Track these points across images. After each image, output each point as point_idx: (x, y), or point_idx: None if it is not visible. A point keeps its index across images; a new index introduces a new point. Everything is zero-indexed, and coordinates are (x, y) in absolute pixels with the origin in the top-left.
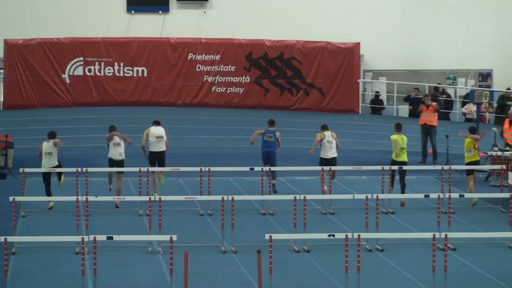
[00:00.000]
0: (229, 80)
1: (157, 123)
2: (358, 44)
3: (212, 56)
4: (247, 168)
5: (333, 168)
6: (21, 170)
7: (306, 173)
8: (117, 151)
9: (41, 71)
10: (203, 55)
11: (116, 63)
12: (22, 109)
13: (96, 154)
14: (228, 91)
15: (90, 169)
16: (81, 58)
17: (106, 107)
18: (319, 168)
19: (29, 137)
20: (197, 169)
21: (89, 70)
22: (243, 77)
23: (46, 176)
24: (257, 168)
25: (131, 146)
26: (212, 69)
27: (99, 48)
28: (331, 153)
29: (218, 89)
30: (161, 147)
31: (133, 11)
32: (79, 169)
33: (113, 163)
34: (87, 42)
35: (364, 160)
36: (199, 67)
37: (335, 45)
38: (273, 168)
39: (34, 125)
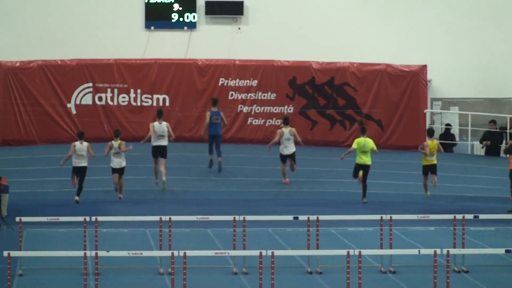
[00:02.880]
0: (268, 111)
1: (160, 115)
2: (424, 66)
3: (248, 81)
4: (290, 217)
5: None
6: (17, 219)
7: (362, 223)
8: (117, 160)
9: (42, 100)
10: (237, 80)
11: (132, 90)
12: (19, 146)
13: (107, 200)
14: (267, 123)
15: (100, 218)
16: (90, 84)
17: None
18: (376, 217)
19: (27, 180)
20: (230, 218)
21: (100, 99)
22: (285, 107)
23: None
24: (302, 217)
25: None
26: (248, 97)
27: (112, 72)
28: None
29: (255, 122)
30: (163, 142)
31: (152, 27)
32: (88, 218)
33: (114, 171)
34: (98, 64)
35: (432, 208)
36: (232, 95)
37: (396, 68)
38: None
39: (33, 164)
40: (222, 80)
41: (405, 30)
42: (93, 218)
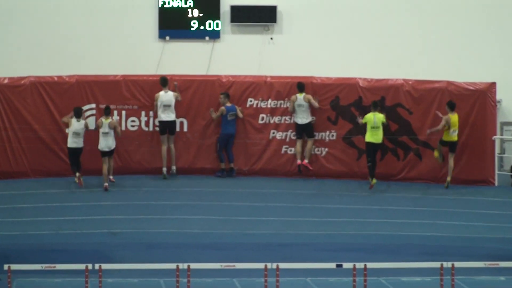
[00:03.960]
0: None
1: (164, 83)
2: (493, 84)
3: (282, 102)
4: (332, 265)
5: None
6: (6, 267)
7: (418, 271)
8: (106, 143)
9: (36, 124)
10: (269, 101)
11: (143, 112)
12: (7, 179)
13: (113, 243)
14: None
15: (105, 266)
16: (93, 105)
17: (128, 175)
18: (435, 264)
19: (17, 220)
20: (261, 265)
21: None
22: (327, 133)
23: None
24: (346, 265)
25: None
26: (282, 121)
27: (119, 91)
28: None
29: (290, 150)
30: (170, 115)
31: (167, 37)
32: (90, 266)
33: (104, 154)
34: (102, 82)
35: (502, 253)
36: (263, 118)
37: (459, 86)
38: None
39: (24, 202)
40: (251, 101)
41: (469, 41)
42: (97, 266)
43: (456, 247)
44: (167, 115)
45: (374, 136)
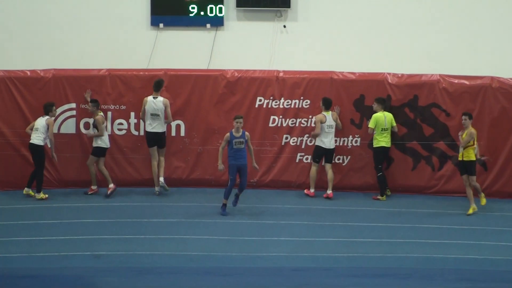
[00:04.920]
0: None
1: (157, 87)
2: None
3: (297, 101)
4: None
5: None
6: None
7: None
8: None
9: (5, 127)
10: (282, 100)
11: (133, 113)
12: None
13: (97, 268)
14: (324, 161)
15: None
16: (73, 105)
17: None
18: None
19: None
20: None
21: (87, 126)
22: (350, 138)
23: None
24: None
25: None
26: (297, 124)
27: (104, 88)
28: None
29: (307, 159)
30: (157, 127)
31: (161, 25)
32: None
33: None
34: (84, 77)
35: None
36: (274, 120)
37: (506, 82)
38: None
39: None
40: (260, 100)
41: None
42: None
43: (501, 271)
44: (154, 127)
45: (385, 139)
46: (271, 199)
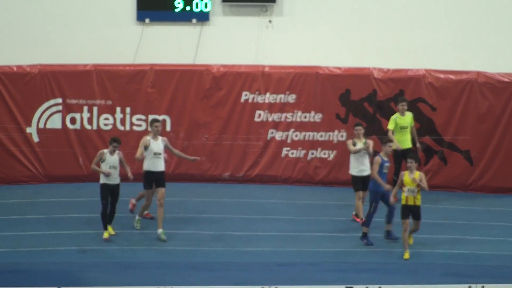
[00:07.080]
0: (311, 137)
1: (155, 124)
2: None
3: (283, 96)
4: None
5: None
6: None
7: None
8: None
9: None
10: (267, 95)
11: (118, 108)
12: None
13: (83, 263)
14: (310, 156)
15: None
16: (60, 100)
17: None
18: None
19: None
20: None
21: (73, 121)
22: (335, 133)
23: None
24: (358, 287)
25: None
26: (283, 119)
27: (90, 83)
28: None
29: (292, 153)
30: (160, 165)
31: (147, 20)
32: None
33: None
34: (70, 72)
35: None
36: (259, 115)
37: (492, 77)
38: None
39: None
40: (245, 95)
41: (502, 25)
42: None
43: (487, 266)
44: (157, 166)
45: (404, 138)
46: (257, 194)
